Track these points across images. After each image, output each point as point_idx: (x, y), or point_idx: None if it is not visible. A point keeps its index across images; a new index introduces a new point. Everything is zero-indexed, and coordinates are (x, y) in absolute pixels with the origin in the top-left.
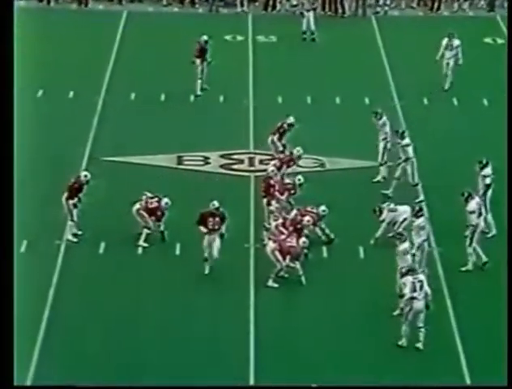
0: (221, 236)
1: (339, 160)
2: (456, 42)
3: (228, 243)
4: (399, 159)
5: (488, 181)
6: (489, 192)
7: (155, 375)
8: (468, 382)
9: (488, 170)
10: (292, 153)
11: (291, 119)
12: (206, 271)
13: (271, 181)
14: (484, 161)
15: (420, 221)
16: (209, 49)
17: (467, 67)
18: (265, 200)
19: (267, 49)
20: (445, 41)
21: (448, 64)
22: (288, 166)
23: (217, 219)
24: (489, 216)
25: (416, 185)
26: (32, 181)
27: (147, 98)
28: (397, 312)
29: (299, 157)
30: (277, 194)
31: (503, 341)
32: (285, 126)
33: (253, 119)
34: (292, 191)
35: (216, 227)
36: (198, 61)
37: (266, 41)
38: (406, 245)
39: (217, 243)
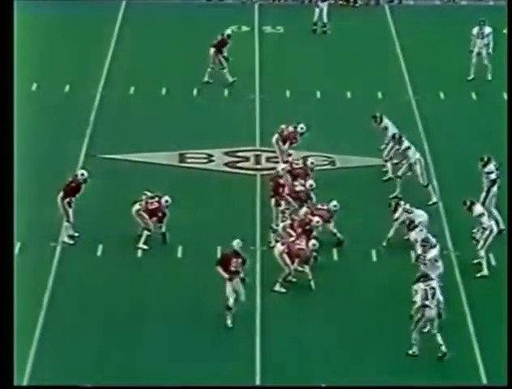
0: (243, 280)
1: (349, 158)
2: (487, 30)
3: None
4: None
5: (492, 176)
6: (494, 188)
7: (156, 382)
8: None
9: (491, 166)
10: (305, 164)
11: (303, 128)
12: (229, 323)
13: (281, 181)
14: (486, 158)
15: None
16: (229, 43)
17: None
18: (273, 200)
19: (274, 41)
20: (475, 30)
21: (480, 53)
22: (302, 178)
23: (240, 259)
24: (495, 212)
25: (427, 185)
26: (25, 179)
27: (147, 92)
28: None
29: (312, 170)
30: (287, 196)
31: None
32: (298, 137)
33: (259, 114)
34: (304, 197)
35: (239, 269)
36: (212, 50)
37: (273, 32)
38: (435, 251)
39: (241, 287)
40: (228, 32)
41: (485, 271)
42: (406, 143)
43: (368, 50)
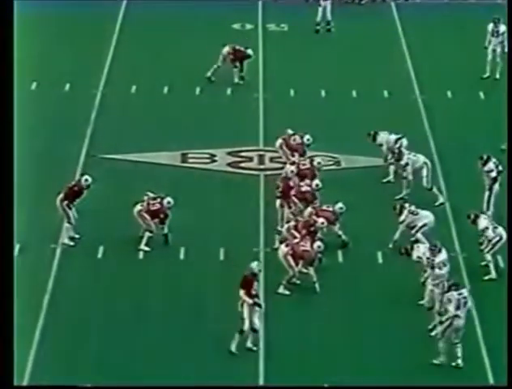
0: (259, 306)
1: (355, 158)
2: (502, 28)
3: (235, 247)
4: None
5: (493, 174)
6: (496, 186)
7: (157, 383)
8: None
9: (490, 165)
10: (312, 164)
11: (309, 139)
12: (234, 349)
13: (290, 183)
14: (485, 157)
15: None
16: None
17: None
18: (278, 201)
19: (278, 39)
20: (490, 27)
21: (494, 50)
22: (309, 179)
23: (256, 282)
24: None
25: (431, 189)
26: (24, 180)
27: (148, 91)
28: (434, 332)
29: (319, 170)
30: (293, 197)
31: None
32: (305, 149)
33: (263, 114)
34: (310, 198)
35: (258, 293)
36: (226, 50)
37: (277, 30)
38: (443, 256)
39: (258, 316)
40: (250, 52)
41: (493, 274)
42: (405, 159)
43: (373, 48)
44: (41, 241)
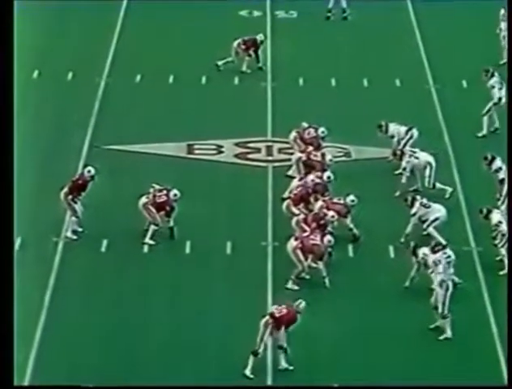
0: (281, 348)
1: (366, 149)
2: None
3: (243, 241)
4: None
5: (501, 175)
6: (505, 186)
7: (162, 382)
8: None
9: (497, 163)
10: (324, 158)
11: (324, 131)
12: (249, 372)
13: (309, 190)
14: (490, 156)
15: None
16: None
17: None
18: (293, 205)
19: (287, 26)
20: (502, 12)
21: (505, 37)
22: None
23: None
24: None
25: (434, 187)
26: (25, 172)
27: (153, 80)
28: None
29: (329, 166)
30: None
31: None
32: (320, 142)
33: (271, 103)
34: (321, 190)
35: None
36: (236, 43)
37: (286, 17)
38: (440, 254)
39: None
40: (261, 37)
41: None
42: (404, 163)
43: (385, 36)
44: (43, 235)
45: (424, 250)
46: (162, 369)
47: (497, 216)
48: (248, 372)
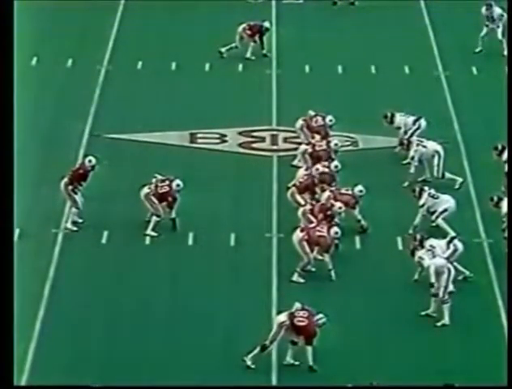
0: (294, 344)
1: (373, 138)
2: (497, 11)
3: (247, 233)
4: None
5: None
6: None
7: (166, 377)
8: None
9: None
10: (329, 145)
11: (331, 120)
12: (250, 362)
13: (315, 180)
14: (500, 146)
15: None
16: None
17: None
18: (298, 193)
19: (293, 12)
20: (483, 10)
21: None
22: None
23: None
24: None
25: (443, 176)
26: (24, 161)
27: (155, 67)
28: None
29: (336, 152)
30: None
31: None
32: (328, 131)
33: (276, 91)
34: (329, 180)
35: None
36: (241, 27)
37: (291, 2)
38: (430, 242)
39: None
40: (267, 24)
41: None
42: (412, 152)
43: (393, 22)
44: (42, 226)
45: (429, 242)
46: (164, 362)
47: (507, 206)
48: (249, 361)
